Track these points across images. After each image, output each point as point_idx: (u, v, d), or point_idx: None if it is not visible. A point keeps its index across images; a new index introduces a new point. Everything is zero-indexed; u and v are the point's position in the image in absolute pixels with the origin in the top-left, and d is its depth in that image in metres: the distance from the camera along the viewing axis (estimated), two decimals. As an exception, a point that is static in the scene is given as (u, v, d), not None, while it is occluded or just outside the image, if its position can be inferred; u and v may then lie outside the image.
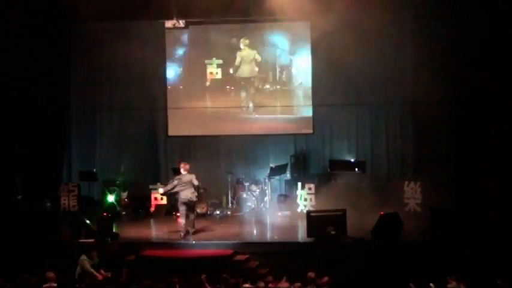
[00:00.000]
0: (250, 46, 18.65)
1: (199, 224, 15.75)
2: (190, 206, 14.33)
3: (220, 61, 18.95)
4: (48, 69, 17.87)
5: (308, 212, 14.34)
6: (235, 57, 18.73)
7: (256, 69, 18.69)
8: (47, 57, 17.74)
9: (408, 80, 17.42)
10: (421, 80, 16.89)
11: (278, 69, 18.74)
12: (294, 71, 18.68)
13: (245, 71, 18.78)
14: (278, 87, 18.76)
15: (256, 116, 18.78)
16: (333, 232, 13.53)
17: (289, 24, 18.38)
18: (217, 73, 18.98)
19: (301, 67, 18.56)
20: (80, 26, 18.64)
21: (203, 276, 11.10)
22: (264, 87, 18.78)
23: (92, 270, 11.97)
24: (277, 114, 18.69)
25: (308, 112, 18.45)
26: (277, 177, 17.58)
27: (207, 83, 19.06)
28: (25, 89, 17.48)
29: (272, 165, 17.34)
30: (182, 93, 19.04)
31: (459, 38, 16.49)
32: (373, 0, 16.43)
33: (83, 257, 12.13)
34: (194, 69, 19.03)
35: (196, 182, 14.30)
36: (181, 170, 14.58)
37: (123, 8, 17.40)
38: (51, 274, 11.04)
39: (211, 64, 18.99)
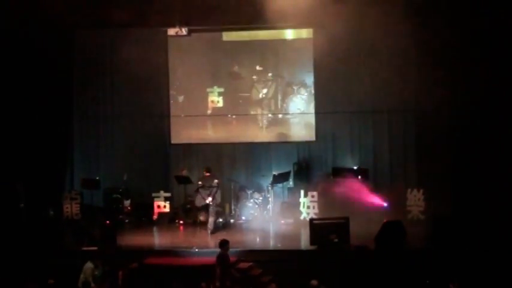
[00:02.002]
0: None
1: (202, 232, 15.82)
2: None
3: (221, 89, 18.85)
4: (51, 76, 17.92)
5: (311, 220, 14.32)
6: (236, 86, 18.70)
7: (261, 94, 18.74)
8: (50, 65, 17.78)
9: (411, 87, 17.40)
10: (423, 88, 16.91)
11: (280, 98, 18.68)
12: (296, 99, 18.60)
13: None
14: (280, 116, 18.70)
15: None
16: (336, 240, 13.53)
17: (292, 43, 18.41)
18: (218, 101, 18.86)
19: (303, 95, 18.51)
20: (82, 33, 18.67)
21: (203, 285, 11.11)
22: (268, 114, 18.72)
23: (90, 280, 11.92)
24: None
25: (311, 120, 18.45)
26: (280, 185, 17.56)
27: (209, 112, 18.96)
28: (28, 96, 17.52)
29: (275, 173, 17.36)
30: (183, 122, 18.93)
31: (462, 46, 16.50)
32: (375, 8, 16.45)
33: (88, 264, 12.10)
34: (196, 97, 18.94)
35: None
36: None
37: (126, 16, 17.38)
38: (51, 281, 11.02)
39: (212, 92, 18.89)
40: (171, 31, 18.29)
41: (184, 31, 18.18)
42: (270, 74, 18.66)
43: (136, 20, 17.50)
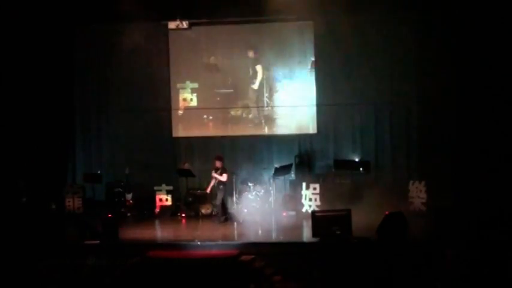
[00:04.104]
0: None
1: (205, 225, 15.82)
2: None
3: (195, 85, 18.42)
4: (52, 71, 17.93)
5: (313, 212, 14.31)
6: (212, 80, 18.23)
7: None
8: (51, 60, 17.78)
9: (413, 79, 17.40)
10: (425, 79, 16.90)
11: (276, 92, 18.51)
12: (294, 92, 18.42)
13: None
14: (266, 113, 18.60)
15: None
16: (338, 232, 13.50)
17: (292, 39, 18.19)
18: (191, 99, 18.38)
19: (301, 89, 18.34)
20: (83, 28, 18.64)
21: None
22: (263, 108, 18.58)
23: None
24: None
25: (312, 112, 18.41)
26: (281, 178, 17.56)
27: (180, 112, 18.52)
28: (29, 91, 17.53)
29: (277, 165, 17.35)
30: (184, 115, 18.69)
31: (463, 38, 16.48)
32: (377, 0, 16.44)
33: None
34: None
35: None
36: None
37: (126, 10, 17.35)
38: None
39: (184, 88, 18.39)
40: (172, 24, 18.25)
41: (185, 24, 18.14)
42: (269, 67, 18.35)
43: (137, 14, 17.49)
